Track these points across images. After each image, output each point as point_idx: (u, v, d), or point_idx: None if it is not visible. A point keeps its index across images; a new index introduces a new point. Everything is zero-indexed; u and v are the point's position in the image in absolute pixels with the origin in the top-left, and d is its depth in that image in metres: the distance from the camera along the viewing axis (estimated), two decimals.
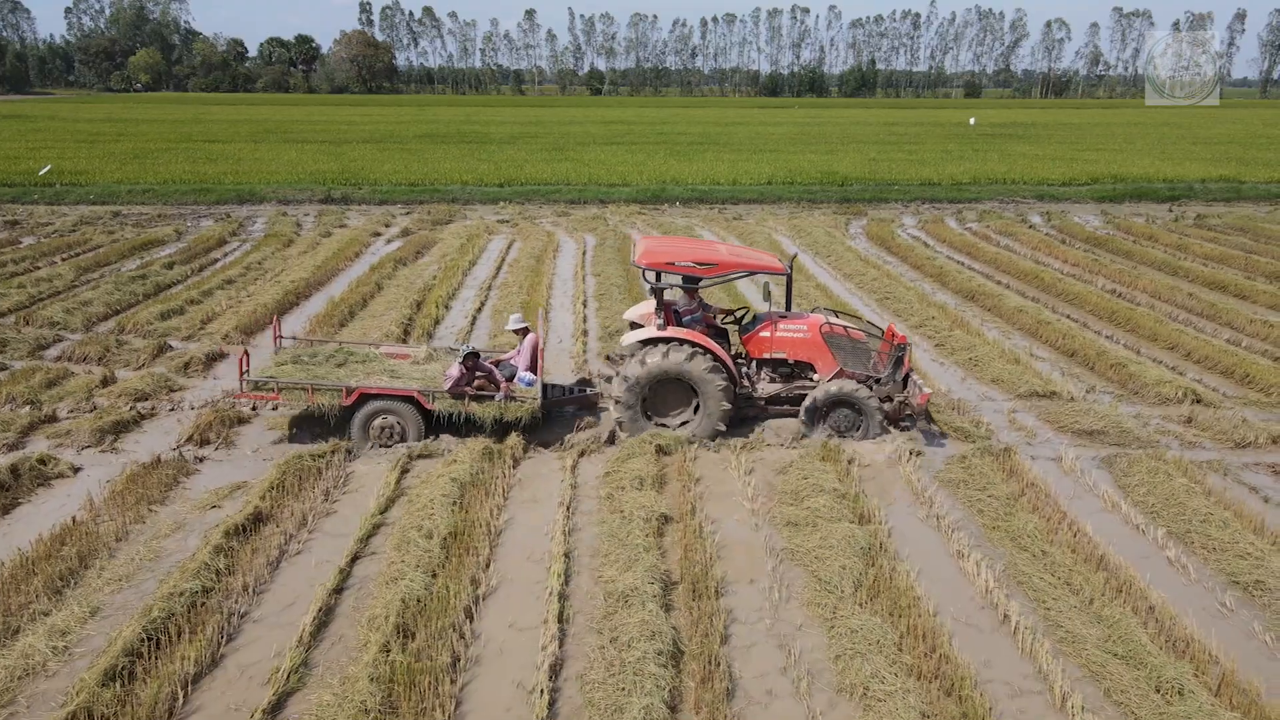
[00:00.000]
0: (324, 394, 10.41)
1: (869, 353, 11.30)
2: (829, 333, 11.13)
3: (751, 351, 11.38)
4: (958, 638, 7.08)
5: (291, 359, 11.37)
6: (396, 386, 10.59)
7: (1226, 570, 8.04)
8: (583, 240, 24.12)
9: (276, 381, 10.49)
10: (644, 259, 10.77)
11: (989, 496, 9.32)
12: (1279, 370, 13.29)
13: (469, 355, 10.54)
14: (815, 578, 7.74)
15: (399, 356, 11.90)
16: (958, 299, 18.21)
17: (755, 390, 11.27)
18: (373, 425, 10.51)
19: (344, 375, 10.94)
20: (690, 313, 11.34)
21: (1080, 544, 8.44)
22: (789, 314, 11.52)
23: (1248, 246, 23.53)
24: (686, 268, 10.71)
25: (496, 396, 10.51)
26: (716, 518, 8.97)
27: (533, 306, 16.36)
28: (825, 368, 11.11)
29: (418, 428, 10.54)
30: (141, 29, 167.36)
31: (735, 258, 11.23)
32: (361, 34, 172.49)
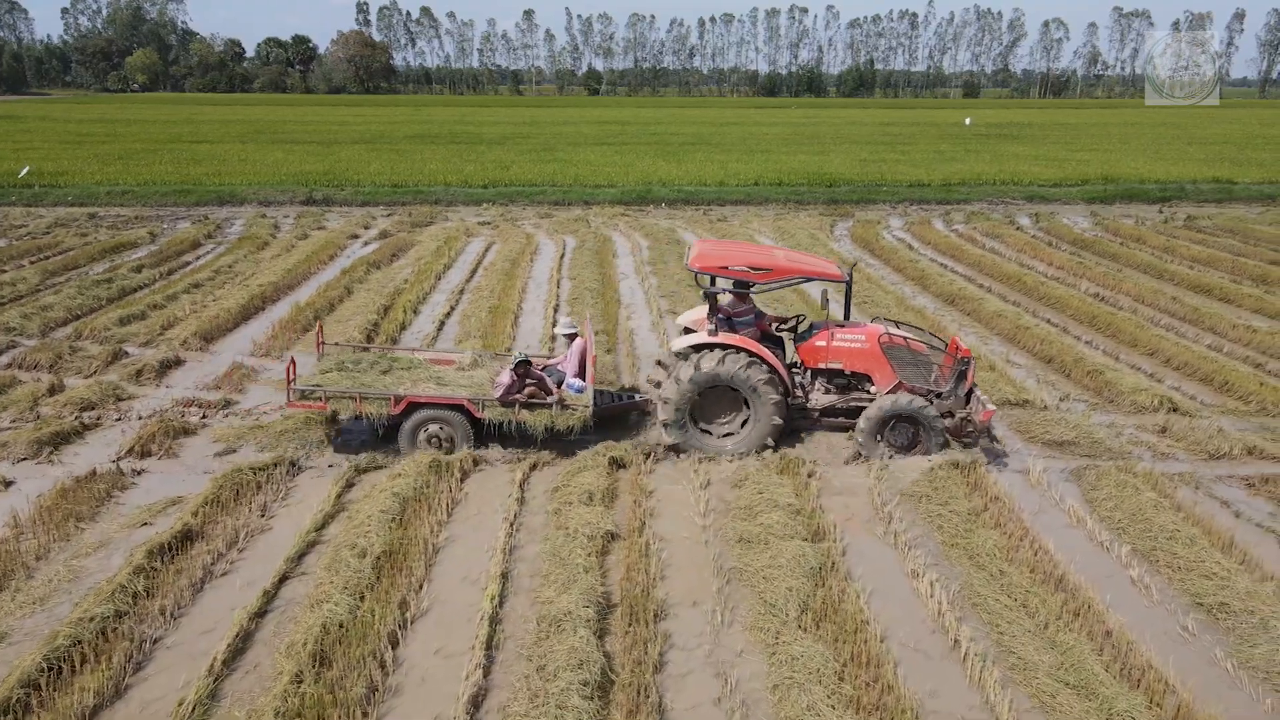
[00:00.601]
0: (372, 403, 10.16)
1: (930, 365, 10.88)
2: (888, 344, 10.69)
3: (806, 361, 10.99)
4: (905, 665, 6.77)
5: (336, 366, 11.11)
6: (446, 395, 10.32)
7: (1191, 591, 7.72)
8: (562, 242, 23.80)
9: (324, 390, 10.23)
10: (697, 262, 10.45)
11: (950, 512, 9.01)
12: (1259, 377, 12.98)
13: (521, 363, 10.23)
14: (761, 599, 7.42)
15: (443, 363, 11.67)
16: (937, 302, 17.89)
17: (809, 401, 10.88)
18: (421, 435, 10.26)
19: (390, 383, 10.66)
20: (741, 317, 10.99)
21: (1041, 562, 8.13)
22: (846, 323, 11.15)
23: (1235, 249, 23.22)
24: (741, 272, 10.39)
25: (551, 401, 10.22)
26: (666, 535, 8.65)
27: (526, 310, 16.06)
28: (883, 380, 10.69)
29: (467, 437, 10.29)
30: (138, 29, 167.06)
31: (791, 263, 10.81)
32: (359, 34, 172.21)
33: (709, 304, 10.51)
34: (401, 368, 11.27)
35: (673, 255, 21.72)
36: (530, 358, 10.66)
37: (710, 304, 10.49)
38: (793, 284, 11.05)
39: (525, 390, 10.27)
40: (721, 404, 10.56)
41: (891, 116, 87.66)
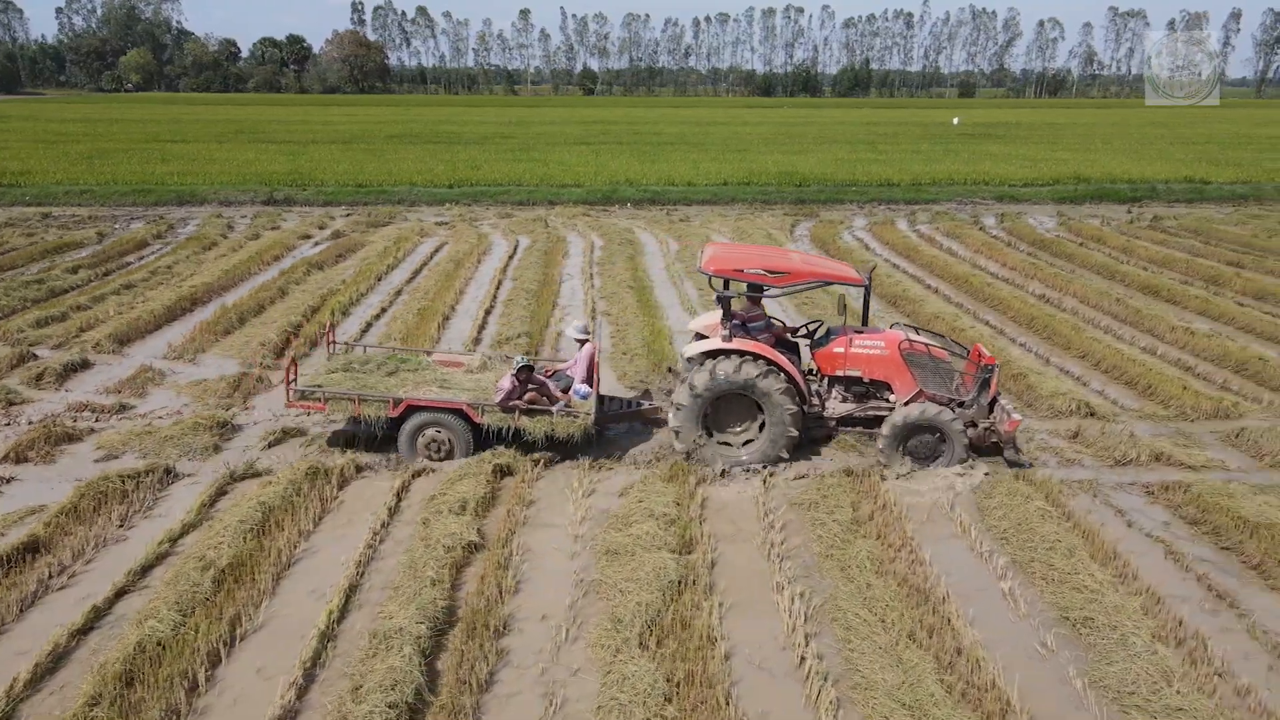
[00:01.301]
0: (371, 405, 10.02)
1: (952, 373, 10.58)
2: (909, 351, 10.36)
3: (823, 368, 10.66)
4: (744, 684, 6.53)
5: (343, 366, 11.05)
6: (445, 399, 10.11)
7: (1059, 604, 7.47)
8: (515, 243, 23.55)
9: (324, 391, 10.11)
10: (710, 265, 10.13)
11: (834, 521, 8.75)
12: (1184, 381, 12.71)
13: (523, 368, 9.99)
14: (611, 614, 7.16)
15: (452, 365, 11.54)
16: (880, 304, 17.62)
17: (825, 410, 10.55)
18: (420, 438, 10.09)
19: (393, 384, 10.54)
20: (755, 322, 10.67)
21: (912, 574, 7.87)
22: (865, 329, 10.84)
23: (1194, 249, 22.96)
24: (756, 275, 10.02)
25: (555, 409, 10.00)
26: (533, 546, 8.40)
27: (441, 312, 15.80)
28: (903, 388, 10.33)
29: (466, 442, 10.11)
30: (133, 29, 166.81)
31: (808, 266, 10.46)
32: (353, 34, 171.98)
33: (723, 309, 10.21)
34: (409, 369, 11.17)
35: (621, 256, 21.48)
36: (533, 363, 10.42)
37: (724, 309, 10.19)
38: (810, 288, 10.70)
39: (526, 396, 10.05)
40: (736, 412, 10.21)
41: (880, 116, 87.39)
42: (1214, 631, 7.21)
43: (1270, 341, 15.06)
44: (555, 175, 35.05)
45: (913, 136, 58.42)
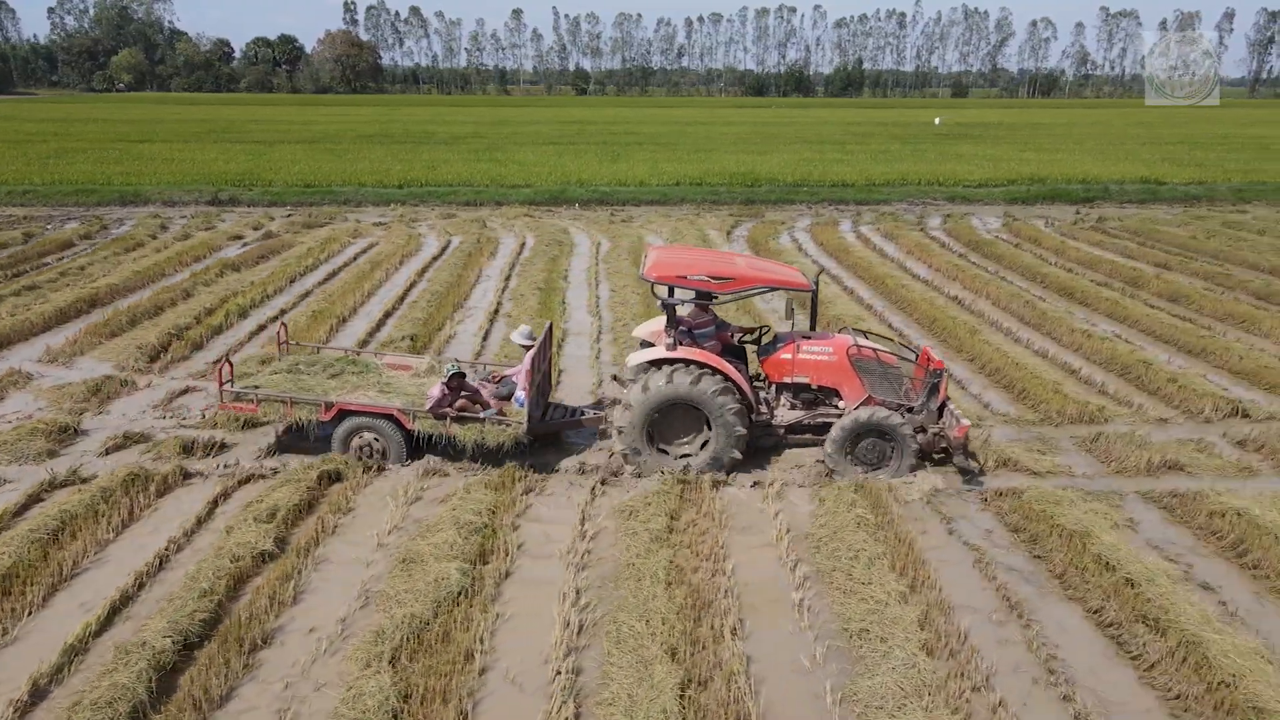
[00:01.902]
0: (303, 408, 9.96)
1: (901, 378, 10.39)
2: (857, 356, 10.18)
3: (771, 375, 10.48)
4: (491, 699, 6.39)
5: (288, 368, 10.97)
6: (376, 404, 10.00)
7: (844, 615, 7.32)
8: (447, 243, 23.40)
9: (256, 393, 10.02)
10: (653, 271, 9.83)
11: (647, 529, 8.59)
12: (1061, 385, 12.55)
13: (454, 375, 9.89)
14: (376, 627, 7.01)
15: (401, 368, 11.43)
16: None
17: (774, 417, 10.36)
18: (353, 443, 10.00)
19: (334, 387, 10.46)
20: (702, 328, 10.45)
21: (709, 585, 7.74)
22: (813, 334, 10.65)
23: (1128, 250, 22.80)
24: (700, 281, 9.73)
25: (483, 416, 9.85)
26: (331, 555, 8.25)
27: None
28: (852, 394, 10.15)
29: (399, 448, 9.99)
30: (125, 29, 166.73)
31: (754, 271, 10.24)
32: (345, 34, 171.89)
33: (667, 316, 10.01)
34: (355, 372, 11.06)
35: (546, 257, 21.35)
36: (464, 370, 10.30)
37: (669, 316, 9.97)
38: (755, 294, 10.39)
39: (457, 404, 9.90)
40: (682, 421, 9.95)
41: (865, 116, 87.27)
42: (992, 643, 7.07)
43: (1164, 344, 14.93)
44: (508, 175, 34.91)
45: (887, 137, 58.25)
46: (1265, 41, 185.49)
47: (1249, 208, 30.59)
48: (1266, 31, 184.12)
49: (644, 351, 10.24)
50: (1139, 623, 7.19)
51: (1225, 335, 15.35)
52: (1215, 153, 47.27)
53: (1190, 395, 12.15)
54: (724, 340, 10.75)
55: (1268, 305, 17.36)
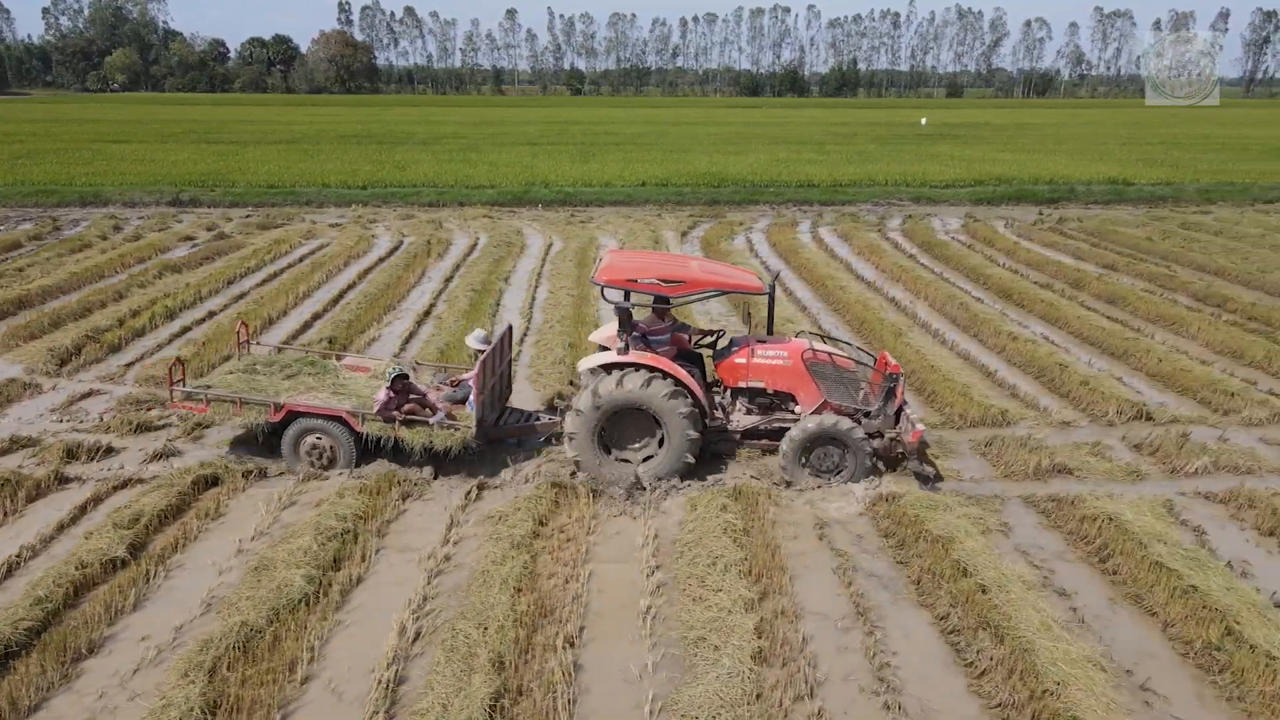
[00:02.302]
0: (252, 409, 9.88)
1: (858, 383, 10.24)
2: (812, 360, 10.03)
3: (726, 379, 10.33)
4: (304, 709, 6.34)
5: (245, 368, 10.87)
6: (325, 406, 9.91)
7: (687, 623, 7.22)
8: (398, 244, 23.32)
9: (207, 393, 9.96)
10: (603, 275, 9.67)
11: (511, 534, 8.51)
12: (968, 389, 12.43)
13: (397, 378, 9.77)
14: (206, 635, 6.93)
15: (360, 369, 11.29)
16: (724, 307, 17.40)
17: (730, 422, 10.22)
18: (303, 445, 9.92)
19: (288, 388, 10.37)
20: (658, 334, 10.25)
21: (559, 592, 7.69)
22: (768, 338, 10.49)
23: (1080, 251, 22.72)
24: (650, 285, 9.59)
25: (431, 421, 9.77)
26: (188, 563, 8.18)
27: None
28: (808, 399, 10.02)
29: (349, 451, 9.88)
30: (119, 29, 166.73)
31: (707, 275, 10.07)
32: (340, 34, 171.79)
33: (619, 320, 9.88)
34: (312, 373, 10.94)
35: (491, 259, 21.29)
36: (407, 372, 10.18)
37: (620, 320, 9.81)
38: (708, 297, 10.29)
39: (405, 407, 9.80)
40: (634, 427, 9.84)
41: (853, 117, 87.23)
42: (831, 651, 7.01)
43: (1090, 346, 14.88)
44: (475, 176, 34.83)
45: (870, 138, 58.17)
46: (1260, 41, 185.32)
47: (1214, 208, 30.50)
48: (1261, 31, 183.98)
49: (595, 356, 10.12)
50: (981, 629, 7.12)
51: (1153, 337, 15.28)
52: (1191, 153, 47.21)
53: (1098, 398, 12.08)
54: (681, 345, 10.63)
55: (1203, 307, 17.29)
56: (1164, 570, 7.82)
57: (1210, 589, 7.45)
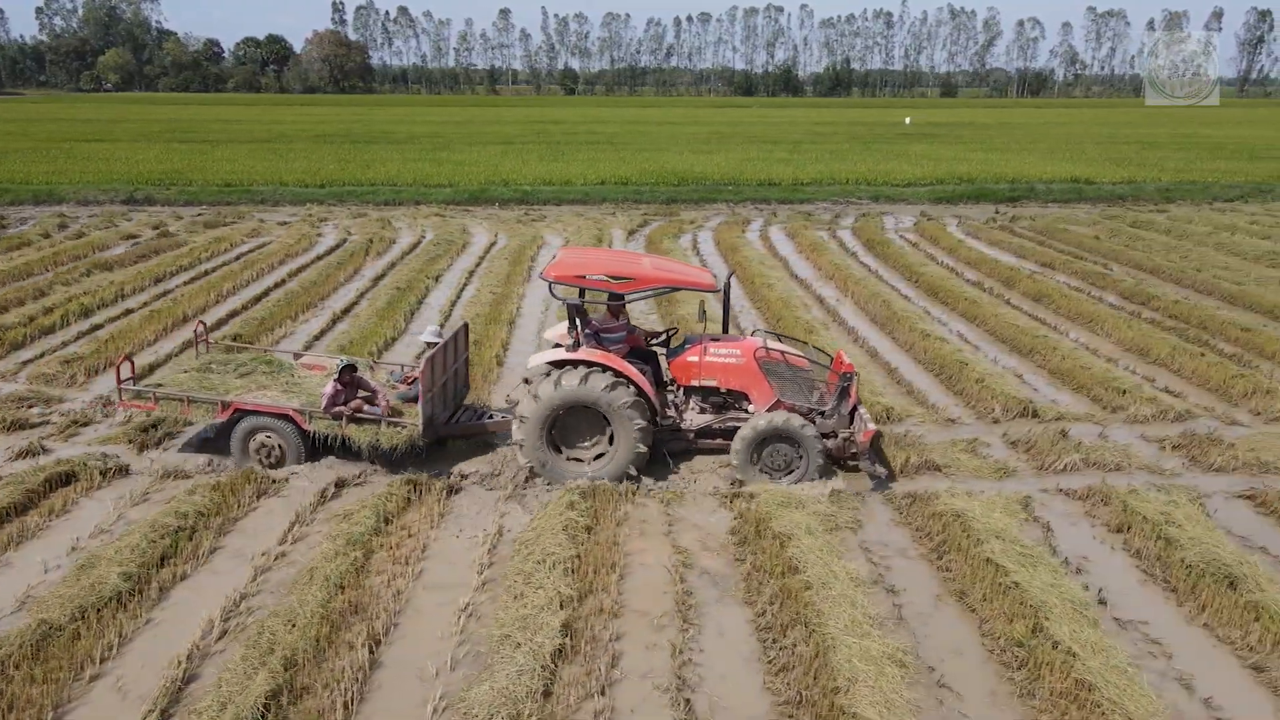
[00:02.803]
0: (199, 408, 9.80)
1: (812, 382, 10.13)
2: (765, 359, 9.94)
3: (679, 378, 10.20)
4: (82, 710, 6.25)
5: (200, 367, 10.80)
6: (272, 403, 9.83)
7: (501, 620, 7.13)
8: (342, 241, 23.27)
9: (155, 391, 9.91)
10: (553, 271, 9.56)
11: (354, 530, 8.44)
12: (863, 386, 12.36)
13: (345, 369, 9.60)
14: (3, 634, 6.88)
15: (315, 368, 11.12)
16: (648, 304, 17.33)
17: (683, 421, 10.11)
18: (252, 444, 9.83)
19: (239, 386, 10.27)
20: (612, 332, 10.15)
21: (384, 589, 7.61)
22: (722, 337, 10.42)
23: (1023, 249, 22.66)
24: (600, 282, 9.50)
25: (368, 411, 9.64)
26: (15, 561, 8.11)
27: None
28: (761, 398, 9.94)
29: (297, 449, 9.79)
30: (113, 29, 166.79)
31: (658, 272, 9.93)
32: (333, 34, 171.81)
33: (570, 317, 9.78)
34: (266, 371, 10.84)
35: (426, 258, 21.23)
36: (356, 364, 10.04)
37: (571, 317, 9.74)
38: (659, 294, 10.12)
39: (352, 403, 9.63)
40: (585, 426, 9.72)
41: (839, 116, 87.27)
42: (639, 648, 6.95)
43: (1000, 343, 14.87)
44: (436, 175, 34.81)
45: (848, 137, 58.17)
46: (1255, 41, 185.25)
47: (1172, 207, 30.43)
48: (1256, 31, 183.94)
49: (545, 353, 10.02)
50: (794, 626, 7.05)
51: (1067, 335, 15.24)
52: (1163, 153, 47.18)
53: (988, 395, 12.01)
54: (634, 343, 10.52)
55: (1128, 305, 17.25)
56: (992, 566, 7.76)
57: (1031, 586, 7.39)
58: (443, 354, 10.09)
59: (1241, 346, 14.59)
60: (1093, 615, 7.16)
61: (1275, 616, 7.05)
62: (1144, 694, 6.25)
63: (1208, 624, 7.28)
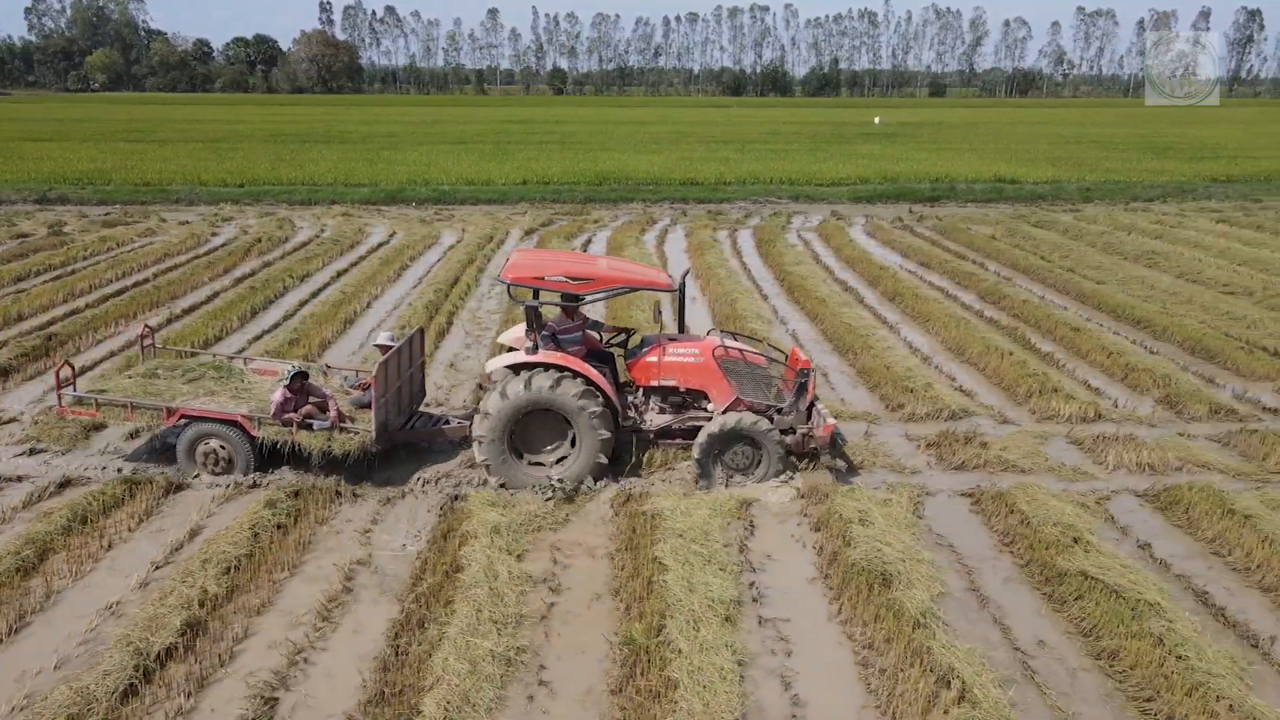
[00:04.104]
0: (144, 414, 9.58)
1: (770, 379, 10.18)
2: (723, 357, 9.92)
3: (637, 378, 10.18)
4: None
5: (146, 373, 10.50)
6: (219, 409, 9.61)
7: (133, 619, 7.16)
8: (229, 240, 23.25)
9: (98, 398, 9.63)
10: (510, 273, 9.55)
11: (38, 529, 8.42)
12: None
13: (295, 376, 9.41)
14: None
15: (267, 373, 10.84)
16: (503, 300, 17.32)
17: (644, 422, 10.10)
18: (198, 451, 9.59)
19: (187, 392, 10.02)
20: (569, 333, 10.05)
21: (45, 586, 7.58)
22: (679, 336, 10.43)
23: (912, 248, 22.63)
24: (557, 283, 9.46)
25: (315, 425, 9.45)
26: None
27: None
28: (720, 396, 9.91)
29: (246, 456, 9.56)
30: (101, 29, 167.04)
31: (615, 272, 9.97)
32: (321, 34, 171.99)
33: (527, 319, 9.70)
34: (215, 377, 10.56)
35: (302, 257, 21.20)
36: (307, 370, 9.90)
37: (529, 319, 9.67)
38: (617, 294, 10.19)
39: (303, 409, 9.47)
40: (549, 429, 9.65)
41: (808, 116, 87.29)
42: (261, 647, 6.92)
43: (826, 341, 14.93)
44: (356, 174, 34.86)
45: (807, 136, 58.21)
46: (1244, 40, 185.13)
47: (1087, 207, 30.37)
48: (1245, 30, 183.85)
49: (503, 356, 9.92)
50: (430, 625, 7.02)
51: (900, 332, 15.23)
52: (1106, 153, 47.16)
53: None
54: (591, 344, 10.47)
55: (977, 304, 17.31)
56: (656, 564, 7.74)
57: (676, 585, 7.36)
58: (396, 359, 9.87)
59: (1064, 346, 14.59)
60: (730, 614, 7.14)
61: (903, 615, 7.02)
62: (729, 691, 6.23)
63: (844, 621, 7.25)
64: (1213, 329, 15.03)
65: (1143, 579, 7.53)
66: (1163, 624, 6.84)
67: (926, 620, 6.99)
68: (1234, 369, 13.39)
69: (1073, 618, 7.27)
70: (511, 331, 10.78)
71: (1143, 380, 12.63)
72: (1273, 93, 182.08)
